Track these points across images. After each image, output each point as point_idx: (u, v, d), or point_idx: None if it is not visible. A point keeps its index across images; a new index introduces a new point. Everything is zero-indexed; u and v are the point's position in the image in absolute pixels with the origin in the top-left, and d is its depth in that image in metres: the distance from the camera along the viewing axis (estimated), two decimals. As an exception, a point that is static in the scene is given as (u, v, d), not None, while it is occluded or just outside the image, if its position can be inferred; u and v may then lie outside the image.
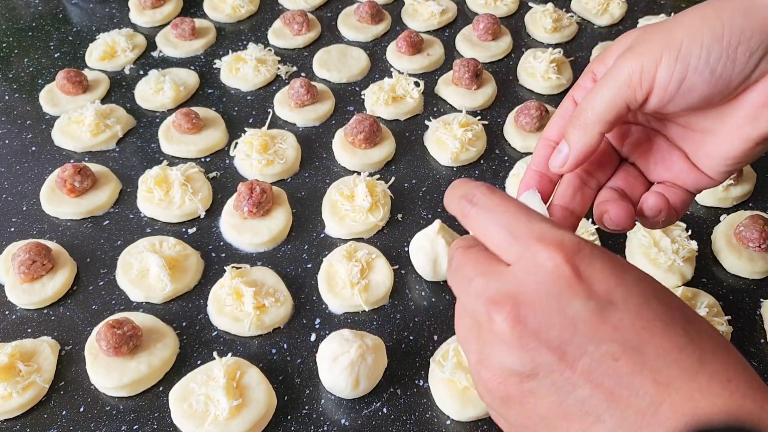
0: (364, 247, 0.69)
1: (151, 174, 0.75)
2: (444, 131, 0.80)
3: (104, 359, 0.59)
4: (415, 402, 0.59)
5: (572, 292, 0.30)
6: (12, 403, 0.57)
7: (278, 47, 0.98)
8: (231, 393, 0.55)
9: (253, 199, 0.70)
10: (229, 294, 0.64)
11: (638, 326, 0.30)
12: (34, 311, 0.66)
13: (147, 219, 0.75)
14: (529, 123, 0.81)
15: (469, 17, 1.04)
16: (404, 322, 0.65)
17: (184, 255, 0.69)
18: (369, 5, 1.00)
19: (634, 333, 0.30)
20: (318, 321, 0.65)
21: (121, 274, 0.68)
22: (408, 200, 0.76)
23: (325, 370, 0.57)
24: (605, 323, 0.30)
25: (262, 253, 0.71)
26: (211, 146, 0.82)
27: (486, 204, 0.35)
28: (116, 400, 0.59)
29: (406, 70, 0.93)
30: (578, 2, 1.05)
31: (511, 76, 0.94)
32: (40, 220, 0.75)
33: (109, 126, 0.83)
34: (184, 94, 0.89)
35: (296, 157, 0.80)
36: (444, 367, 0.58)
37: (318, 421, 0.57)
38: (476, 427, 0.57)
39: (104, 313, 0.65)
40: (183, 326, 0.64)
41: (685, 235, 0.68)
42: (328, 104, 0.87)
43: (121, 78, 0.94)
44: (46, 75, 0.95)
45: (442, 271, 0.66)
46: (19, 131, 0.86)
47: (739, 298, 0.66)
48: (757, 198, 0.76)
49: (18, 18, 1.07)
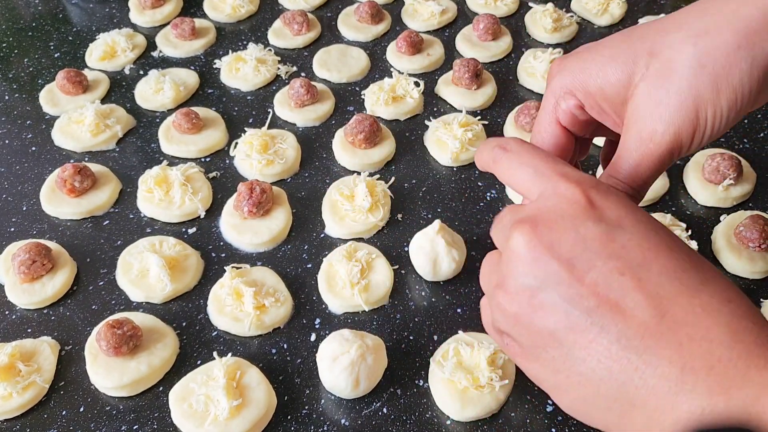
0: (364, 247, 0.69)
1: (151, 174, 0.75)
2: (444, 131, 0.80)
3: (104, 359, 0.59)
4: (415, 402, 0.59)
5: (586, 215, 0.33)
6: (12, 403, 0.57)
7: (278, 47, 0.98)
8: (231, 393, 0.55)
9: (253, 199, 0.70)
10: (229, 294, 0.64)
11: (645, 247, 0.32)
12: (34, 311, 0.66)
13: (147, 219, 0.75)
14: (529, 123, 0.81)
15: (469, 17, 1.04)
16: (404, 322, 0.65)
17: (184, 255, 0.69)
18: (369, 5, 1.00)
19: (641, 252, 0.32)
20: (318, 321, 0.65)
21: (121, 274, 0.68)
22: (408, 200, 0.76)
23: (325, 370, 0.57)
24: (613, 242, 0.32)
25: (262, 253, 0.71)
26: (211, 146, 0.82)
27: (517, 149, 0.39)
28: (116, 400, 0.59)
29: (406, 70, 0.93)
30: (578, 2, 1.05)
31: (511, 76, 0.94)
32: (40, 220, 0.75)
33: (109, 126, 0.83)
34: (184, 94, 0.89)
35: (296, 157, 0.80)
36: (444, 367, 0.58)
37: (318, 421, 0.57)
38: (476, 427, 0.57)
39: (104, 313, 0.65)
40: (183, 326, 0.65)
41: (685, 235, 0.68)
42: (328, 104, 0.87)
43: (121, 78, 0.94)
44: (46, 75, 0.95)
45: (442, 271, 0.66)
46: (19, 131, 0.86)
47: (739, 298, 0.66)
48: (757, 198, 0.76)
49: (18, 18, 1.07)
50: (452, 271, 0.67)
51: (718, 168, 0.73)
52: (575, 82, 0.42)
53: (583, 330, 0.32)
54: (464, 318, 0.65)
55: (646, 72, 0.39)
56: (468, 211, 0.75)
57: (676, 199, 0.76)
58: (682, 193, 0.77)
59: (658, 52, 0.39)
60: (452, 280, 0.68)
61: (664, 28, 0.40)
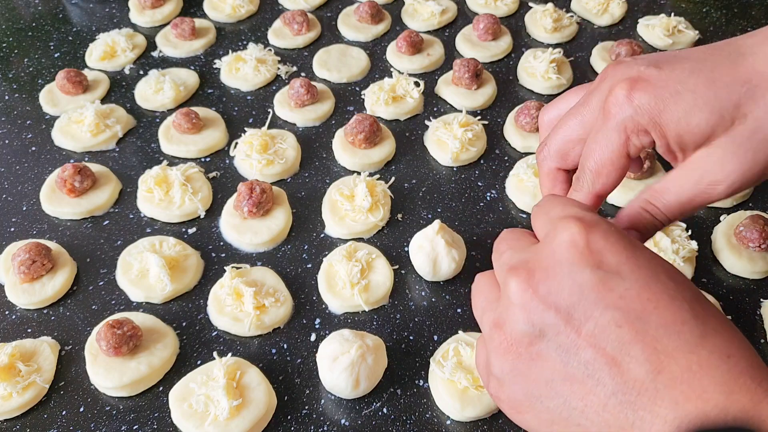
0: (364, 247, 0.69)
1: (151, 174, 0.75)
2: (444, 131, 0.80)
3: (104, 359, 0.59)
4: (415, 402, 0.59)
5: (584, 262, 0.33)
6: (12, 403, 0.57)
7: (278, 47, 0.98)
8: (231, 393, 0.55)
9: (253, 199, 0.70)
10: (229, 294, 0.64)
11: (644, 297, 0.31)
12: (34, 311, 0.66)
13: (147, 219, 0.75)
14: (529, 123, 0.81)
15: (469, 17, 1.04)
16: (404, 322, 0.65)
17: (184, 255, 0.69)
18: (369, 5, 1.00)
19: (640, 303, 0.31)
20: (318, 321, 0.65)
21: (121, 274, 0.68)
22: (408, 200, 0.76)
23: (325, 371, 0.57)
24: (611, 291, 0.32)
25: (262, 253, 0.71)
26: (211, 146, 0.82)
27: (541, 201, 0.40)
28: (116, 400, 0.59)
29: (406, 70, 0.93)
30: (578, 2, 1.05)
31: (511, 76, 0.94)
32: (40, 220, 0.75)
33: (109, 126, 0.83)
34: (184, 94, 0.89)
35: (296, 157, 0.80)
36: (444, 367, 0.58)
37: (318, 421, 0.57)
38: (476, 427, 0.57)
39: (104, 313, 0.65)
40: (183, 326, 0.64)
41: (685, 235, 0.68)
42: (328, 104, 0.87)
43: (121, 78, 0.94)
44: (46, 75, 0.95)
45: (442, 271, 0.66)
46: (19, 131, 0.86)
47: (739, 298, 0.66)
48: (757, 198, 0.76)
49: (18, 18, 1.07)
50: (452, 271, 0.67)
51: (718, 168, 0.73)
52: (651, 123, 0.39)
53: (581, 381, 0.32)
54: (464, 318, 0.65)
55: (731, 127, 0.38)
56: (468, 211, 0.75)
57: (676, 199, 0.76)
58: (682, 193, 0.77)
59: (747, 111, 0.38)
60: (452, 280, 0.68)
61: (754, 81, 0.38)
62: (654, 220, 0.41)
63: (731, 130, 0.38)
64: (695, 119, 0.38)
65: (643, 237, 0.42)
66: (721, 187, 0.39)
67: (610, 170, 0.41)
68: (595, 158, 0.41)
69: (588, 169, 0.42)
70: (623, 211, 0.42)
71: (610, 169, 0.41)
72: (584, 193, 0.43)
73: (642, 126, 0.39)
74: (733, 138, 0.38)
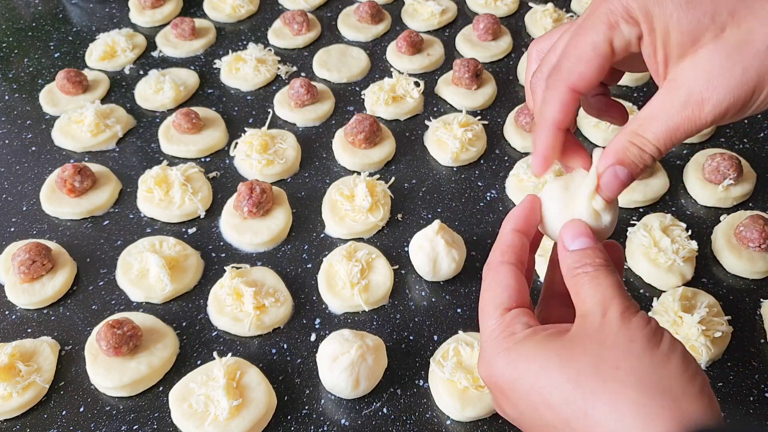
0: (364, 247, 0.69)
1: (151, 174, 0.75)
2: (444, 131, 0.80)
3: (104, 359, 0.59)
4: (415, 402, 0.59)
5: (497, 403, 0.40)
6: (12, 403, 0.57)
7: (278, 47, 0.98)
8: (231, 393, 0.55)
9: (253, 199, 0.70)
10: (229, 294, 0.64)
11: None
12: (34, 311, 0.66)
13: (147, 219, 0.75)
14: (529, 123, 0.81)
15: (469, 17, 1.04)
16: (404, 322, 0.65)
17: (184, 255, 0.69)
18: (369, 5, 1.00)
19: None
20: (318, 321, 0.65)
21: (121, 274, 0.68)
22: (408, 200, 0.76)
23: (325, 371, 0.57)
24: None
25: (262, 253, 0.71)
26: (211, 146, 0.82)
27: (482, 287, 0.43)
28: (116, 400, 0.59)
29: (406, 70, 0.92)
30: (578, 2, 1.05)
31: (511, 76, 0.94)
32: (40, 220, 0.75)
33: (109, 126, 0.83)
34: (184, 94, 0.89)
35: (296, 157, 0.80)
36: (444, 367, 0.58)
37: (318, 421, 0.57)
38: (476, 427, 0.57)
39: (104, 313, 0.65)
40: (183, 326, 0.65)
41: (685, 235, 0.68)
42: (328, 104, 0.87)
43: (121, 78, 0.94)
44: (46, 75, 0.95)
45: (442, 271, 0.66)
46: (19, 131, 0.86)
47: (739, 298, 0.66)
48: (757, 198, 0.76)
49: (18, 18, 1.07)
50: (452, 271, 0.67)
51: (718, 168, 0.73)
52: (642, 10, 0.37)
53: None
54: (464, 318, 0.65)
55: (721, 34, 0.36)
56: (468, 211, 0.75)
57: (676, 199, 0.76)
58: (682, 193, 0.77)
59: (741, 18, 0.36)
60: (452, 280, 0.68)
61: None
62: (642, 153, 0.39)
63: (720, 37, 0.36)
64: (687, 17, 0.36)
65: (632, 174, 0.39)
66: (708, 106, 0.36)
67: (591, 56, 0.38)
68: (578, 40, 0.39)
69: (568, 53, 0.39)
70: (610, 146, 0.39)
71: (591, 55, 0.38)
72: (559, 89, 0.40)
73: (632, 12, 0.37)
74: (722, 46, 0.36)
